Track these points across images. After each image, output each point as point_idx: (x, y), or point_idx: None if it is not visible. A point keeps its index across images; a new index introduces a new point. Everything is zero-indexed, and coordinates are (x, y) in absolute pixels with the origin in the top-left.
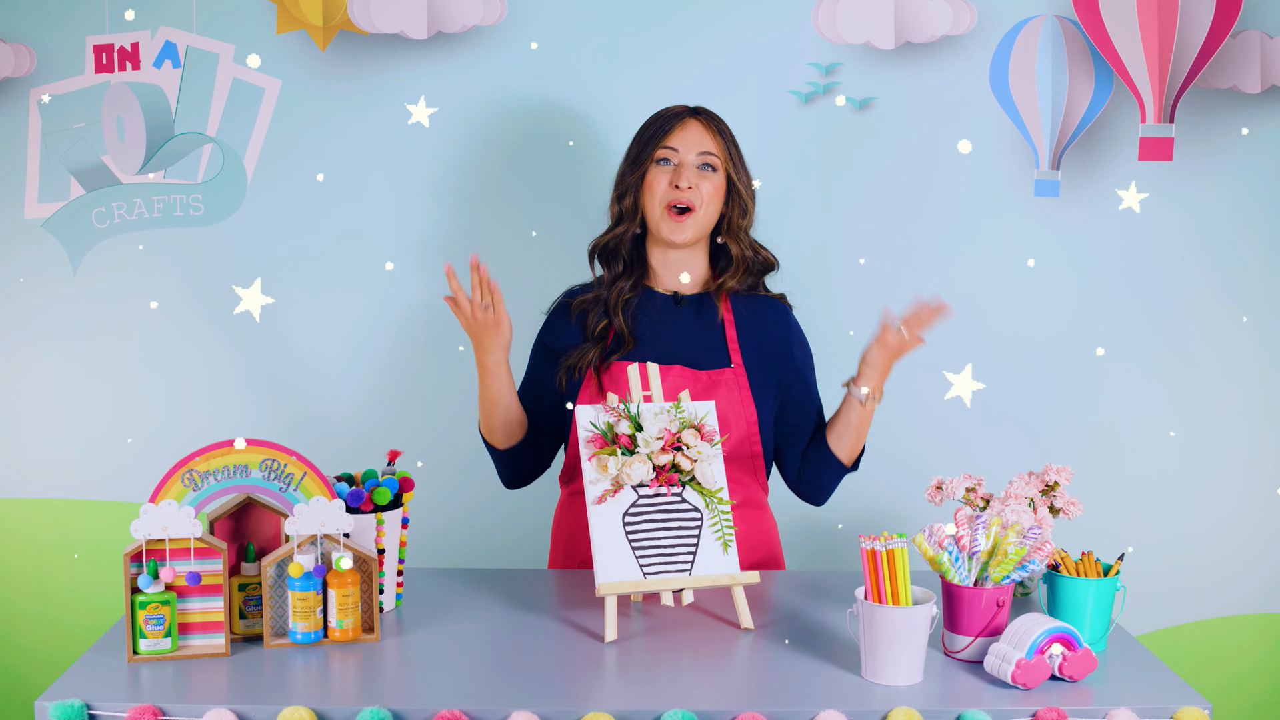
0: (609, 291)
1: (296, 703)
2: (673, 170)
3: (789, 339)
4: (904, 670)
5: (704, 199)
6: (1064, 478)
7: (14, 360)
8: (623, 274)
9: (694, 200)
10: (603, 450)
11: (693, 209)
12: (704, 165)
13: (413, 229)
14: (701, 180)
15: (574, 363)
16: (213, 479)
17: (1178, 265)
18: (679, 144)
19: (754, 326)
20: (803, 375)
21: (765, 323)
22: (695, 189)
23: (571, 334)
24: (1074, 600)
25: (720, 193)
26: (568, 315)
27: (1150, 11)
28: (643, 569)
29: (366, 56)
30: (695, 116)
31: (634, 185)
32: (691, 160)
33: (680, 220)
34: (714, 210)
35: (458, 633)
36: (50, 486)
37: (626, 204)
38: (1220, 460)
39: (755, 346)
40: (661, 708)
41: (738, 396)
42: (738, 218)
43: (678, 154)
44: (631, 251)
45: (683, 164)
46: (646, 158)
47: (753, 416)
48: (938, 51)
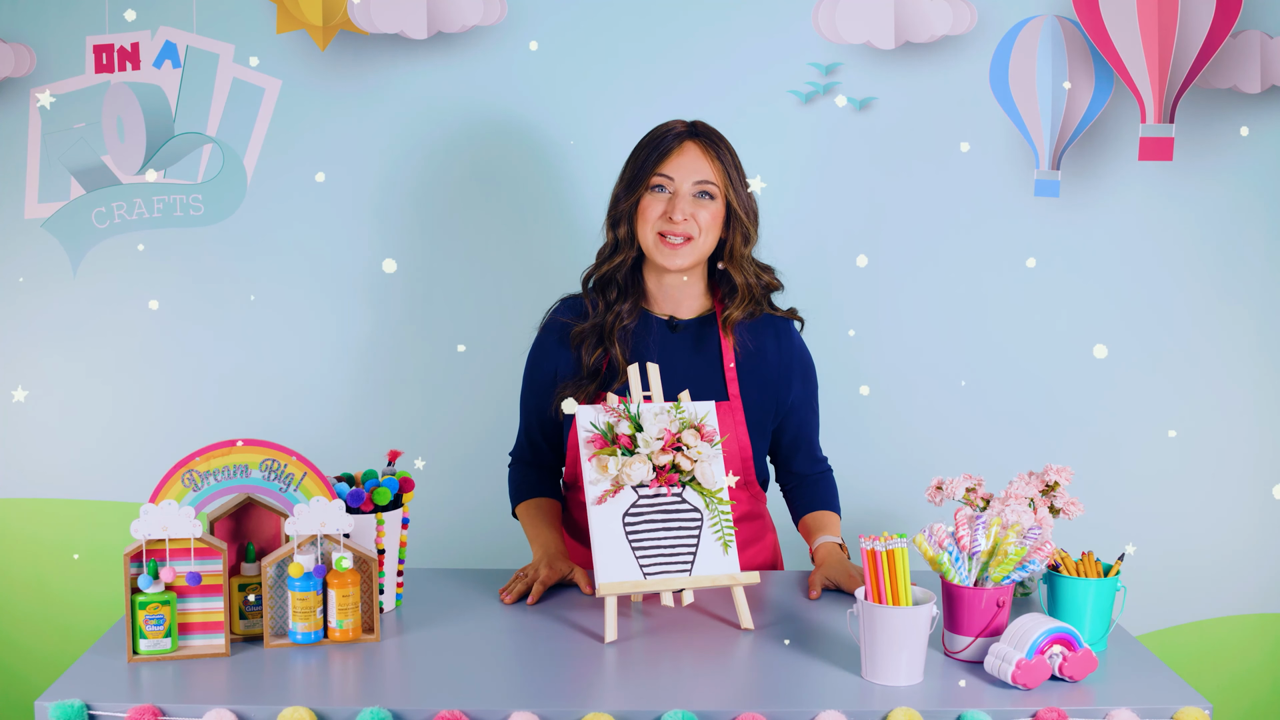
0: (605, 318)
1: (296, 703)
2: (668, 199)
3: (790, 368)
4: (904, 670)
5: (701, 228)
6: (1064, 478)
7: (14, 360)
8: (618, 299)
9: (690, 231)
10: (603, 450)
11: (690, 239)
12: (701, 194)
13: (413, 229)
14: (698, 209)
15: (570, 395)
16: (213, 479)
17: (1178, 265)
18: (674, 172)
19: (754, 357)
20: (799, 403)
21: (767, 352)
22: (691, 220)
23: (566, 361)
24: (1074, 600)
25: (719, 220)
26: (559, 341)
27: (1150, 11)
28: (643, 569)
29: (366, 56)
30: (694, 139)
31: (628, 211)
32: (687, 190)
33: (676, 247)
34: (712, 238)
35: (458, 633)
36: (50, 486)
37: (622, 232)
38: (1220, 460)
39: (755, 379)
40: (661, 708)
41: (734, 432)
42: (739, 244)
43: (673, 182)
44: (628, 276)
45: (678, 194)
46: (641, 183)
47: (748, 452)
48: (938, 51)
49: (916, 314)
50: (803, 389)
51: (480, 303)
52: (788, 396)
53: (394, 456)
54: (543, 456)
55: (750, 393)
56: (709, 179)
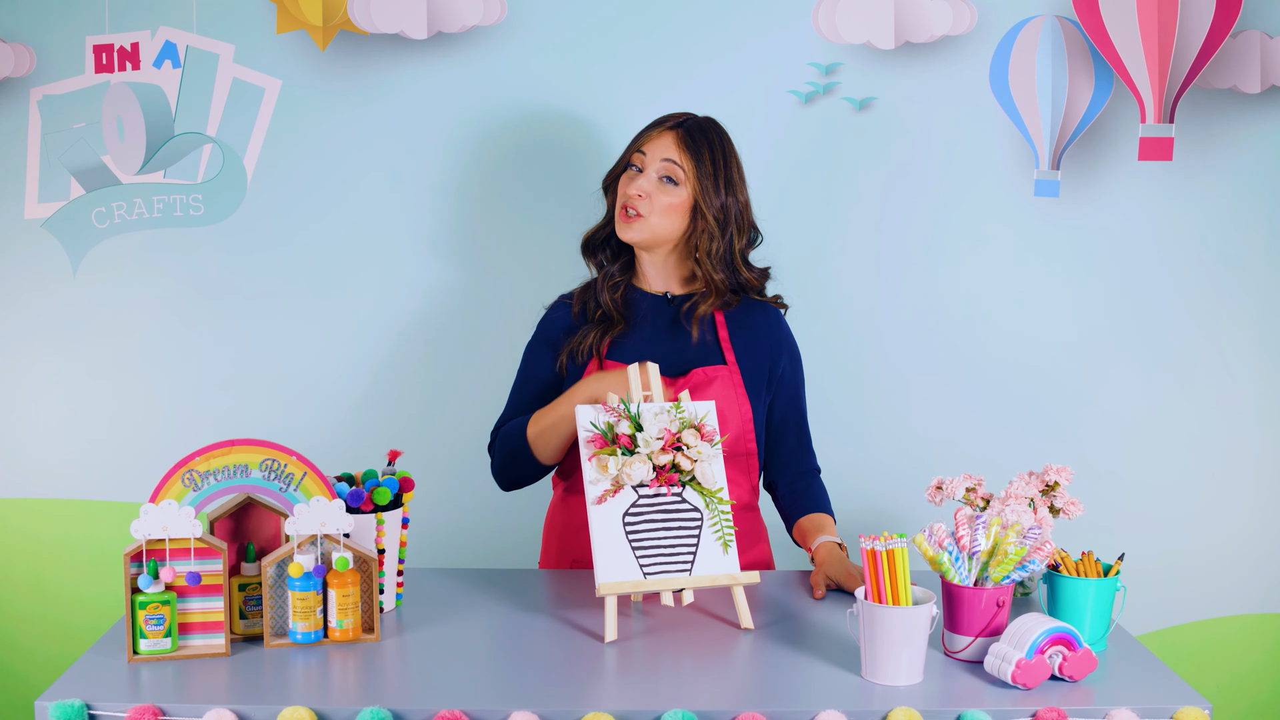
0: (596, 277)
1: (296, 703)
2: (637, 175)
3: (779, 342)
4: (904, 670)
5: (654, 209)
6: (1064, 478)
7: (14, 360)
8: (609, 262)
9: (641, 208)
10: (603, 450)
11: (640, 215)
12: (665, 177)
13: (413, 229)
14: (660, 192)
15: (576, 346)
16: (213, 479)
17: (1178, 265)
18: (648, 149)
19: (746, 327)
20: (788, 379)
21: (756, 325)
22: (647, 198)
23: (571, 327)
24: (1074, 600)
25: (681, 210)
26: (564, 310)
27: (1150, 11)
28: (643, 569)
29: (366, 56)
30: (679, 128)
31: (611, 184)
32: (654, 170)
33: (628, 220)
34: (669, 223)
35: (458, 633)
36: (50, 486)
37: (608, 202)
38: (1220, 460)
39: (747, 346)
40: (661, 708)
41: (733, 394)
42: (705, 242)
43: (644, 159)
44: (619, 244)
45: (644, 171)
46: (623, 159)
47: (748, 414)
48: (938, 51)
49: (916, 314)
50: (791, 367)
51: (480, 302)
52: (777, 368)
53: (394, 456)
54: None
55: (744, 360)
56: (675, 160)
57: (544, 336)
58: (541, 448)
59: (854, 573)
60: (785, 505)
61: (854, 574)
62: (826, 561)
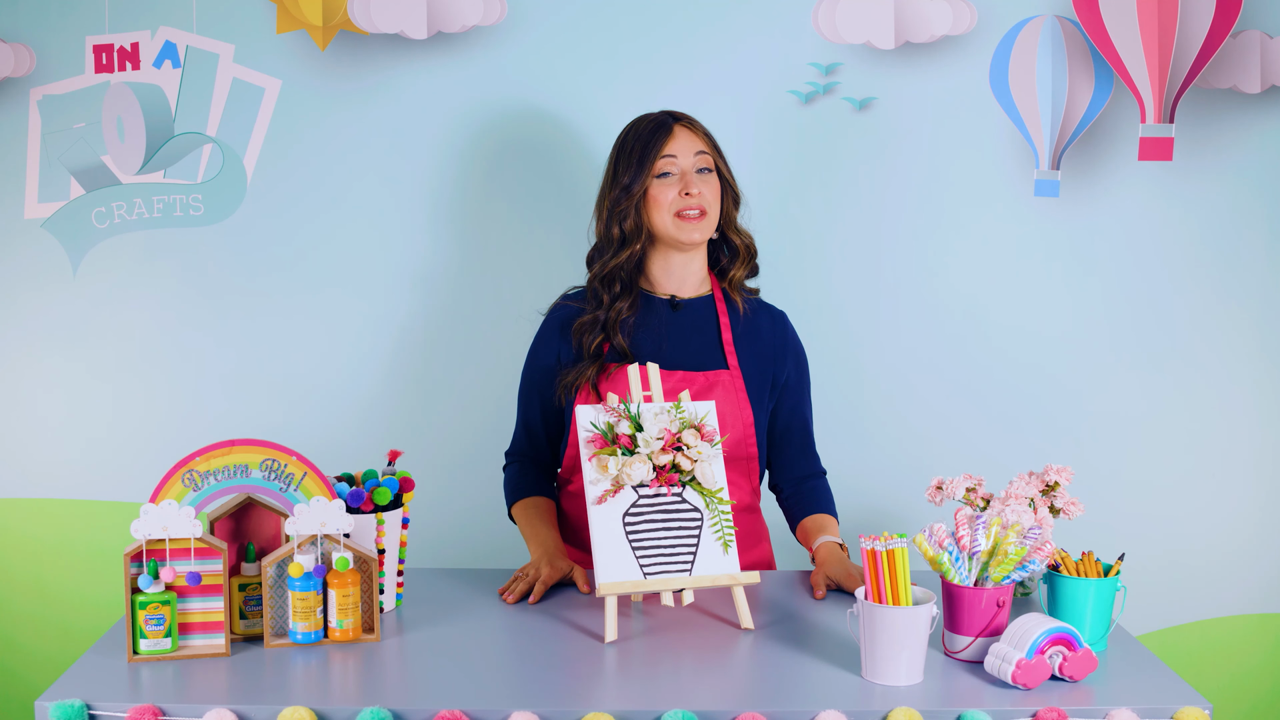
0: (607, 313)
1: (296, 703)
2: (677, 179)
3: (784, 346)
4: (904, 670)
5: (708, 200)
6: (1064, 478)
7: (14, 360)
8: (620, 294)
9: (704, 204)
10: (603, 450)
11: (705, 212)
12: (702, 169)
13: (413, 229)
14: (704, 184)
15: (572, 380)
16: (213, 479)
17: (1178, 265)
18: (676, 151)
19: (751, 331)
20: (793, 385)
21: (762, 329)
22: (701, 194)
23: (568, 351)
24: (1074, 600)
25: (719, 191)
26: (560, 334)
27: (1150, 11)
28: (643, 569)
29: (366, 56)
30: (678, 122)
31: (635, 205)
32: (690, 165)
33: (695, 220)
34: (719, 209)
35: (458, 633)
36: (50, 486)
37: (629, 225)
38: (1220, 460)
39: (751, 351)
40: (661, 708)
41: (734, 398)
42: (732, 209)
43: (677, 161)
44: (630, 271)
45: (685, 171)
46: (645, 173)
47: (749, 419)
48: (938, 51)
49: (916, 314)
50: (796, 373)
51: (480, 302)
52: (781, 373)
53: (394, 456)
54: (540, 451)
55: (748, 363)
56: (705, 150)
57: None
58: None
59: (854, 573)
60: (790, 507)
61: (854, 574)
62: (827, 561)
